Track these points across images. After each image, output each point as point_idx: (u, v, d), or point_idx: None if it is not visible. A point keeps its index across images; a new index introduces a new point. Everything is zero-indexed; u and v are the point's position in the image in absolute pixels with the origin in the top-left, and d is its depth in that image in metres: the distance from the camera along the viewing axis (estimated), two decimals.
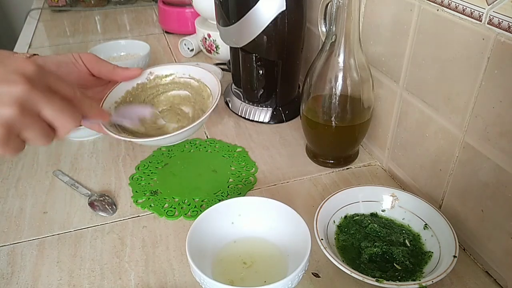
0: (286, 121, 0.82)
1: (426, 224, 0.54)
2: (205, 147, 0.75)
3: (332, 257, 0.47)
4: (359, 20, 0.58)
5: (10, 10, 2.12)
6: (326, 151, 0.70)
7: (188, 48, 1.12)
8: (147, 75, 0.60)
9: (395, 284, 0.45)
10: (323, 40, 0.61)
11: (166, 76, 0.61)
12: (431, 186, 0.59)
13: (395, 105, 0.63)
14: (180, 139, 0.56)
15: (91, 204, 0.62)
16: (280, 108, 0.81)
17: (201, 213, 0.51)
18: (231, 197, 0.54)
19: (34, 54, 0.56)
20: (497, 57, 0.44)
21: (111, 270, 0.53)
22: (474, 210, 0.51)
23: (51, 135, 0.40)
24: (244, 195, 0.64)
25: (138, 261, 0.54)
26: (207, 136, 0.78)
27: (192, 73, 0.61)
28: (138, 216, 0.61)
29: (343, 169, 0.69)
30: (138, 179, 0.67)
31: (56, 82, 0.40)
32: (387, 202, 0.57)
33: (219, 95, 0.55)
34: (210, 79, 0.59)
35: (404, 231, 0.55)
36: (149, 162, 0.71)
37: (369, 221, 0.55)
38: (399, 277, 0.48)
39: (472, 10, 0.47)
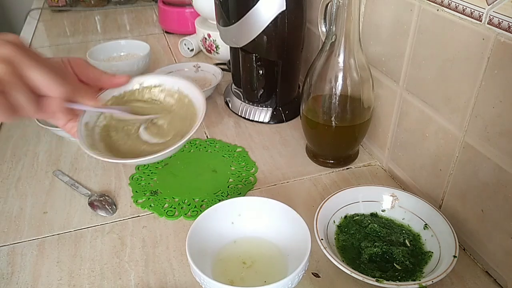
0: (286, 121, 0.82)
1: (426, 224, 0.54)
2: (205, 147, 0.75)
3: (332, 257, 0.47)
4: (359, 20, 0.58)
5: (10, 10, 2.12)
6: (326, 151, 0.70)
7: (188, 48, 1.12)
8: (134, 84, 0.58)
9: (395, 284, 0.45)
10: (323, 40, 0.61)
11: (155, 86, 0.60)
12: (431, 186, 0.59)
13: (395, 105, 0.63)
14: (157, 160, 0.55)
15: (91, 204, 0.62)
16: (280, 108, 0.81)
17: (201, 213, 0.51)
18: (231, 197, 0.54)
19: None
20: (497, 57, 0.44)
21: (111, 270, 0.53)
22: (474, 210, 0.51)
23: (39, 102, 0.41)
24: (244, 195, 0.64)
25: (138, 261, 0.54)
26: (207, 136, 0.78)
27: (181, 87, 0.60)
28: (138, 216, 0.61)
29: (343, 169, 0.69)
30: (138, 179, 0.67)
31: (42, 57, 0.42)
32: (387, 202, 0.57)
33: (203, 115, 0.54)
34: (198, 97, 0.58)
35: (404, 231, 0.55)
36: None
37: (369, 221, 0.55)
38: (399, 277, 0.48)
39: (472, 10, 0.47)
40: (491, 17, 0.44)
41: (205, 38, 1.05)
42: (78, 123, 0.53)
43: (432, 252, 0.51)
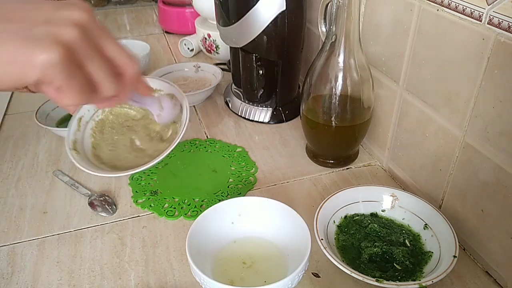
0: (286, 121, 0.82)
1: (426, 224, 0.54)
2: (205, 147, 0.75)
3: (332, 257, 0.47)
4: (359, 20, 0.58)
5: None
6: (326, 151, 0.70)
7: (188, 48, 1.12)
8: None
9: (395, 284, 0.45)
10: (323, 40, 0.61)
11: (155, 91, 0.61)
12: (431, 186, 0.59)
13: (395, 105, 0.63)
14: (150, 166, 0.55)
15: (91, 204, 0.62)
16: (280, 108, 0.81)
17: (201, 213, 0.51)
18: (231, 197, 0.54)
19: None
20: (497, 57, 0.44)
21: (111, 270, 0.53)
22: (474, 210, 0.51)
23: (118, 79, 0.37)
24: (244, 195, 0.64)
25: (138, 261, 0.54)
26: (207, 136, 0.78)
27: (176, 94, 0.60)
28: (138, 216, 0.61)
29: (343, 169, 0.69)
30: (138, 179, 0.67)
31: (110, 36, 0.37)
32: (387, 202, 0.57)
33: (186, 124, 0.55)
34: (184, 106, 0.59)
35: (404, 231, 0.55)
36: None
37: (369, 221, 0.55)
38: (399, 277, 0.48)
39: (472, 10, 0.47)
40: (491, 17, 0.44)
41: (205, 38, 1.05)
42: (72, 117, 0.53)
43: (432, 252, 0.51)
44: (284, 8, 0.68)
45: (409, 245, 0.52)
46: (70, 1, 0.34)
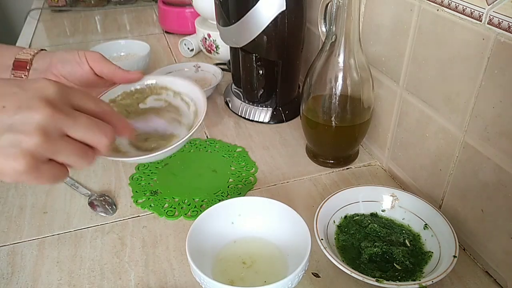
0: (286, 121, 0.82)
1: (426, 224, 0.54)
2: (205, 147, 0.75)
3: (332, 257, 0.47)
4: (359, 20, 0.58)
5: (10, 10, 2.12)
6: (326, 151, 0.70)
7: (188, 48, 1.12)
8: (146, 82, 0.60)
9: (395, 284, 0.45)
10: (323, 40, 0.61)
11: (165, 88, 0.61)
12: (431, 186, 0.59)
13: (395, 105, 0.63)
14: (164, 156, 0.55)
15: (91, 204, 0.62)
16: (280, 108, 0.81)
17: (201, 213, 0.51)
18: (231, 197, 0.54)
19: (42, 49, 0.57)
20: (497, 57, 0.44)
21: (111, 270, 0.53)
22: (474, 210, 0.51)
23: (90, 153, 0.38)
24: (244, 195, 0.64)
25: (138, 261, 0.54)
26: (207, 136, 0.78)
27: (185, 90, 0.60)
28: (138, 216, 0.61)
29: (343, 169, 0.69)
30: (138, 179, 0.67)
31: (79, 98, 0.38)
32: (387, 202, 0.57)
33: (203, 116, 0.55)
34: (200, 100, 0.58)
35: (404, 231, 0.55)
36: (149, 162, 0.71)
37: (369, 221, 0.55)
38: (399, 277, 0.48)
39: (472, 10, 0.47)
40: (491, 17, 0.44)
41: (205, 38, 1.05)
42: None
43: (432, 252, 0.51)
44: (284, 8, 0.68)
45: (409, 245, 0.52)
46: (29, 100, 0.34)
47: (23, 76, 0.55)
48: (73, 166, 0.38)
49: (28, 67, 0.55)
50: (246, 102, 0.83)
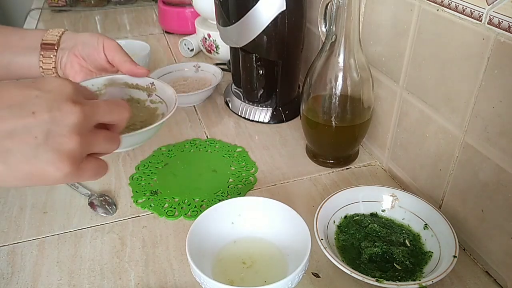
0: (286, 121, 0.82)
1: (426, 224, 0.54)
2: (205, 147, 0.75)
3: (332, 257, 0.47)
4: (359, 20, 0.58)
5: (10, 10, 2.12)
6: (326, 151, 0.70)
7: (188, 48, 1.12)
8: (147, 83, 0.62)
9: (395, 284, 0.45)
10: (323, 40, 0.61)
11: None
12: (431, 186, 0.59)
13: (395, 105, 0.63)
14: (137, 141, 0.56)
15: (91, 204, 0.62)
16: (280, 108, 0.81)
17: (201, 213, 0.51)
18: (231, 197, 0.54)
19: (66, 30, 0.62)
20: (497, 57, 0.44)
21: (111, 270, 0.53)
22: (474, 210, 0.51)
23: (115, 136, 0.41)
24: (244, 195, 0.64)
25: (138, 261, 0.54)
26: (207, 136, 0.78)
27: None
28: (138, 216, 0.61)
29: (343, 169, 0.69)
30: (138, 179, 0.67)
31: (88, 92, 0.41)
32: (387, 202, 0.57)
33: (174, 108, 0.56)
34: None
35: (404, 231, 0.55)
36: (149, 162, 0.71)
37: (369, 221, 0.55)
38: (399, 277, 0.48)
39: (472, 10, 0.47)
40: (491, 17, 0.44)
41: (205, 38, 1.05)
42: None
43: (432, 252, 0.51)
44: (284, 8, 0.68)
45: (409, 245, 0.52)
46: (57, 103, 0.35)
47: (52, 56, 0.59)
48: (106, 153, 0.40)
49: (56, 48, 0.60)
50: (246, 102, 0.83)
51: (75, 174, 0.36)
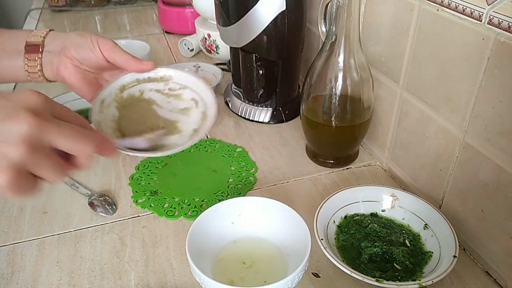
0: (286, 121, 0.82)
1: (426, 224, 0.54)
2: (205, 147, 0.75)
3: (332, 257, 0.47)
4: (359, 20, 0.58)
5: (10, 10, 2.12)
6: (326, 151, 0.70)
7: (188, 48, 1.12)
8: (159, 72, 0.59)
9: (395, 284, 0.45)
10: (323, 40, 0.61)
11: (176, 83, 0.60)
12: (431, 186, 0.59)
13: (395, 105, 0.63)
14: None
15: (91, 204, 0.62)
16: (280, 108, 0.81)
17: (201, 213, 0.51)
18: (231, 197, 0.54)
19: (50, 30, 0.57)
20: (497, 57, 0.44)
21: (111, 270, 0.53)
22: (474, 210, 0.51)
23: (65, 167, 0.37)
24: (244, 195, 0.64)
25: (138, 261, 0.54)
26: (207, 136, 0.78)
27: (196, 87, 0.60)
28: (138, 216, 0.61)
29: (343, 169, 0.69)
30: (138, 179, 0.67)
31: (63, 111, 0.37)
32: (387, 202, 0.57)
33: (215, 113, 0.55)
34: (210, 98, 0.58)
35: (404, 231, 0.55)
36: (149, 162, 0.71)
37: (369, 221, 0.55)
38: (399, 277, 0.48)
39: (472, 10, 0.47)
40: (491, 17, 0.44)
41: (205, 38, 1.05)
42: (95, 100, 0.54)
43: (432, 252, 0.51)
44: (284, 8, 0.68)
45: (409, 245, 0.52)
46: (13, 110, 0.33)
47: (36, 58, 0.55)
48: (46, 180, 0.37)
49: (40, 50, 0.55)
50: (246, 102, 0.83)
51: (10, 188, 0.33)
